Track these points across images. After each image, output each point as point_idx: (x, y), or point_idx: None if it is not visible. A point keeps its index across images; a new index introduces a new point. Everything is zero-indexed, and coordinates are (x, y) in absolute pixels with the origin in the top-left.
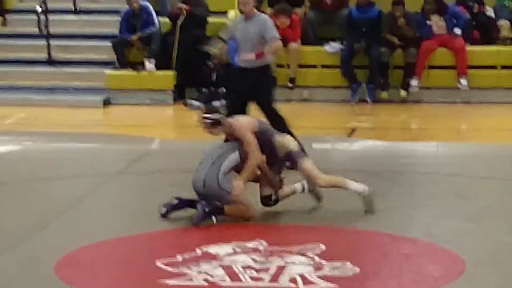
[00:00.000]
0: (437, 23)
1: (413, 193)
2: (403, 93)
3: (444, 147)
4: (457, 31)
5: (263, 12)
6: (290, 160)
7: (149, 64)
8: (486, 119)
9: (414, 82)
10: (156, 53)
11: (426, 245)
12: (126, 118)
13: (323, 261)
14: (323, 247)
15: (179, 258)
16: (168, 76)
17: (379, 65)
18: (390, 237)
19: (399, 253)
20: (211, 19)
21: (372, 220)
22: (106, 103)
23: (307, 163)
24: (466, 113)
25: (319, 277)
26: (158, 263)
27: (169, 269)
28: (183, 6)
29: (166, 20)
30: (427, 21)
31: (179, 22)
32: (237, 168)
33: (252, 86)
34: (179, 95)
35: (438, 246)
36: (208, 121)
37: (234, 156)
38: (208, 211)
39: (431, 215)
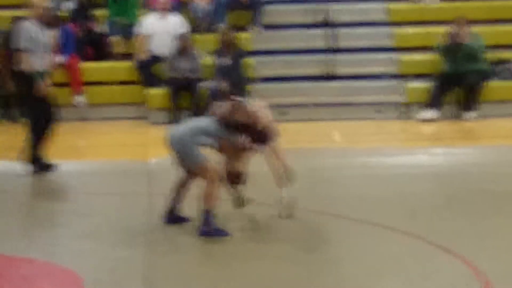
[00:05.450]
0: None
1: (34, 212)
2: None
3: (63, 166)
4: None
5: None
6: None
7: None
8: (103, 135)
9: None
10: None
11: (44, 265)
12: None
13: None
14: None
15: None
16: None
17: None
18: (7, 258)
19: (16, 275)
20: None
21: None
22: None
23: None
24: (83, 130)
25: None
26: None
27: None
28: None
29: None
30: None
31: None
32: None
33: None
34: None
35: (57, 266)
36: None
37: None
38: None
39: (51, 234)
